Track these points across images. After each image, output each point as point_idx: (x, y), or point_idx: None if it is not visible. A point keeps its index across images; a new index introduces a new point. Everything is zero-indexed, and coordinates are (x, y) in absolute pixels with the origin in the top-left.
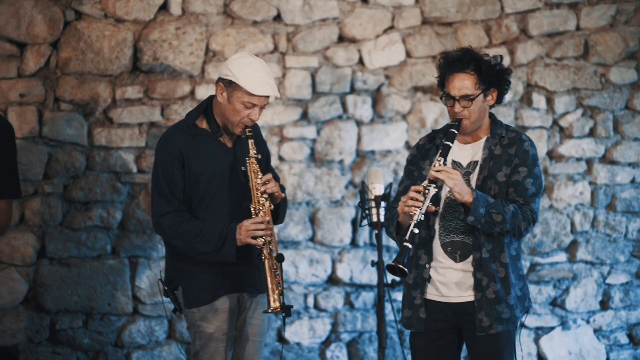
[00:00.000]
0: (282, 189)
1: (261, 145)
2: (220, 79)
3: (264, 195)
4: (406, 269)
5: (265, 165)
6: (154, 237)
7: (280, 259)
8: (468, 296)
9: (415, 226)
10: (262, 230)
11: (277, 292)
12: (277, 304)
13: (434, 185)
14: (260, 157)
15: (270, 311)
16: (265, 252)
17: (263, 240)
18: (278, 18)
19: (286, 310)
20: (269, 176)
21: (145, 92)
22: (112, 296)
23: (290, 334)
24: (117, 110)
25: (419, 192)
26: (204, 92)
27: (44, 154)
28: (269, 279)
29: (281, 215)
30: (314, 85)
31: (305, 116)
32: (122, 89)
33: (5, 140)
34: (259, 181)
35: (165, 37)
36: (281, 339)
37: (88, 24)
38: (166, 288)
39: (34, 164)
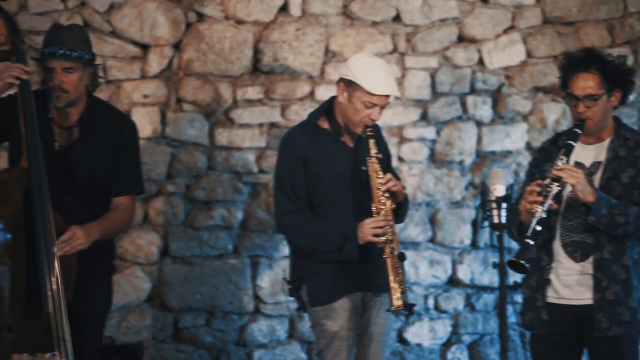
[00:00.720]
0: (403, 189)
1: (382, 145)
2: (341, 79)
3: (385, 194)
4: (527, 265)
5: (386, 166)
6: (275, 236)
7: (402, 257)
8: (587, 298)
9: (537, 223)
10: (383, 228)
11: (399, 290)
12: (400, 302)
13: (556, 184)
14: (381, 156)
15: (392, 309)
16: (387, 250)
17: (384, 238)
18: (397, 18)
19: (409, 309)
20: (389, 175)
21: (265, 92)
22: (234, 295)
23: (410, 334)
24: (238, 111)
25: (541, 186)
26: (323, 92)
27: (166, 153)
28: (391, 277)
29: (402, 214)
30: (433, 85)
31: (424, 116)
32: (243, 90)
33: (130, 139)
34: (379, 180)
35: (285, 38)
36: (401, 339)
37: (209, 25)
38: (290, 286)
39: (157, 163)
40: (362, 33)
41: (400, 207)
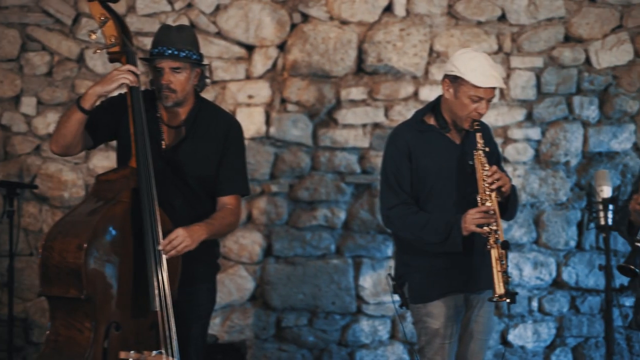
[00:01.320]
0: (513, 188)
1: (492, 145)
2: (446, 75)
3: (491, 186)
4: (637, 270)
5: (495, 163)
6: (378, 237)
7: (506, 245)
8: None
9: None
10: (486, 218)
11: (502, 280)
12: (502, 290)
13: None
14: (487, 149)
15: (495, 298)
16: (491, 240)
17: (487, 229)
18: (502, 18)
19: (511, 297)
20: (495, 167)
21: (369, 93)
22: (336, 295)
23: (513, 336)
24: (342, 111)
25: None
26: (427, 92)
27: (270, 154)
28: (494, 267)
29: (510, 209)
30: (538, 85)
31: (529, 117)
32: (347, 90)
33: (236, 139)
34: (485, 172)
35: (389, 38)
36: (505, 341)
37: (314, 25)
38: (394, 282)
39: (261, 163)
40: (467, 33)
41: (508, 202)
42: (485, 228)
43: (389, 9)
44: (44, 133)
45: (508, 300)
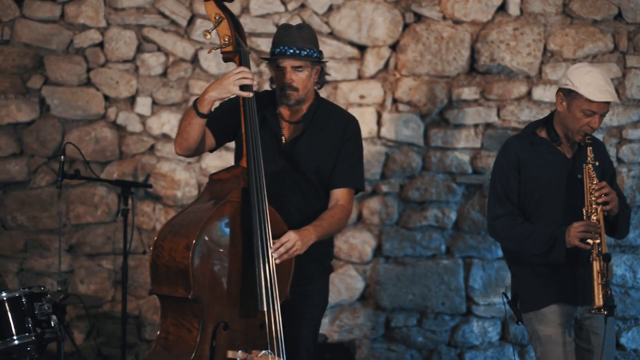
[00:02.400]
0: (625, 206)
1: (606, 162)
2: (560, 89)
3: (598, 200)
4: None
5: (608, 180)
6: (488, 237)
7: (607, 258)
8: None
9: None
10: (590, 232)
11: (602, 292)
12: (601, 303)
13: None
14: (597, 163)
15: (593, 310)
16: (594, 253)
17: (591, 242)
18: (618, 17)
19: (609, 310)
20: (604, 183)
21: (481, 92)
22: (446, 296)
23: (626, 340)
24: (453, 111)
25: None
26: (540, 92)
27: (381, 154)
28: (595, 280)
29: (620, 225)
30: None
31: None
32: (459, 90)
33: (353, 134)
34: (593, 186)
35: (502, 38)
36: (618, 344)
37: (427, 25)
38: (508, 298)
39: (372, 163)
40: (582, 32)
41: (618, 220)
42: (588, 244)
43: (502, 8)
44: (158, 133)
45: (605, 313)
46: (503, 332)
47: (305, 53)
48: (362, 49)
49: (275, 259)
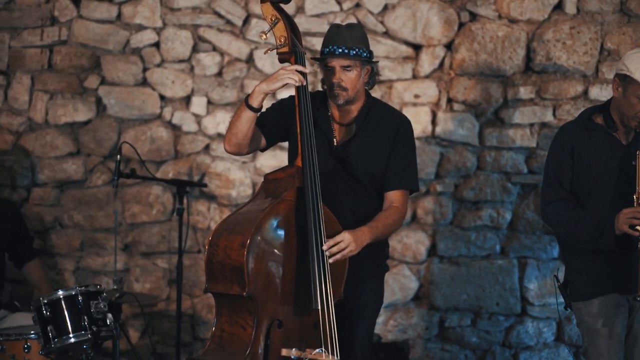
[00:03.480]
0: None
1: None
2: (616, 74)
3: None
4: None
5: None
6: (543, 237)
7: None
8: None
9: None
10: (639, 219)
11: None
12: None
13: None
14: None
15: (638, 297)
16: None
17: (639, 230)
18: None
19: None
20: None
21: (537, 92)
22: (500, 296)
23: None
24: (508, 111)
25: None
26: (597, 92)
27: (436, 153)
28: None
29: None
30: None
31: None
32: (514, 89)
33: (406, 135)
34: None
35: (558, 37)
36: None
37: (482, 24)
38: (559, 283)
39: (426, 163)
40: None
41: None
42: (638, 228)
43: (559, 6)
44: (213, 132)
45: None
46: (558, 333)
47: (355, 52)
48: (417, 48)
49: (328, 259)
